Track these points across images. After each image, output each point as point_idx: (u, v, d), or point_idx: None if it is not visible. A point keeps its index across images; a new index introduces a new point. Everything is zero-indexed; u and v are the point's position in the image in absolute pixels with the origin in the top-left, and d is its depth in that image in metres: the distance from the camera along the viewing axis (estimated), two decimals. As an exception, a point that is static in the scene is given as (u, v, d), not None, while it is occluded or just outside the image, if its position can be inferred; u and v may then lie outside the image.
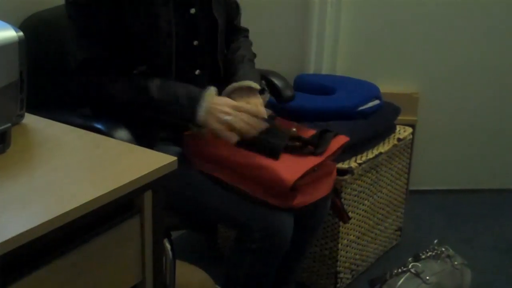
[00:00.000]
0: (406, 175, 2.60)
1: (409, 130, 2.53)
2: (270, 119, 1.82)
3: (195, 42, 1.82)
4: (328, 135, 1.83)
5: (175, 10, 1.74)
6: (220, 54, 1.91)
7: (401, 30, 2.89)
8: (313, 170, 1.73)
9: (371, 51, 2.92)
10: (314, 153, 1.76)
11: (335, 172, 1.91)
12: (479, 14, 2.89)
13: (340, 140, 1.87)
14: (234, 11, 1.99)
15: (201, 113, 1.66)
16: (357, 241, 2.39)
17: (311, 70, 2.80)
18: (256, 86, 1.81)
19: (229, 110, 1.67)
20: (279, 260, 1.78)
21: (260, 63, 2.04)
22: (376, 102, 2.45)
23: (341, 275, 2.34)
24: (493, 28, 2.92)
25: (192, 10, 1.79)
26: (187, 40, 1.80)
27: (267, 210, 1.71)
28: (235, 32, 2.01)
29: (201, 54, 1.85)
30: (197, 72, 1.85)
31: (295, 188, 1.68)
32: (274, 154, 1.71)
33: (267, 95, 1.92)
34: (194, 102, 1.67)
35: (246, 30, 2.06)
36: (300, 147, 1.78)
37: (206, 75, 1.87)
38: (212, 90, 1.70)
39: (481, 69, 2.97)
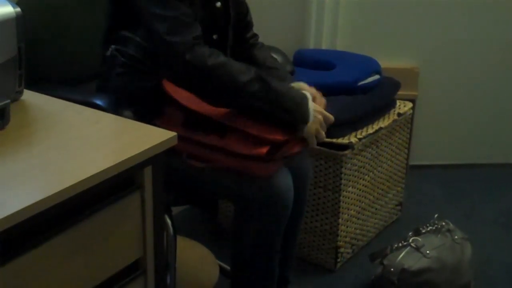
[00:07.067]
0: (406, 150, 2.60)
1: (409, 105, 2.53)
2: None
3: (215, 36, 1.79)
4: None
5: (202, 5, 1.72)
6: (230, 48, 1.86)
7: (401, 4, 2.87)
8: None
9: (371, 26, 2.90)
10: None
11: None
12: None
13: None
14: (245, 5, 1.94)
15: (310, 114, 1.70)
16: (358, 216, 2.39)
17: (311, 45, 2.79)
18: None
19: (320, 116, 1.71)
20: (283, 227, 1.73)
21: (259, 39, 2.02)
22: (376, 77, 2.45)
23: (342, 249, 2.35)
24: (494, 1, 2.90)
25: (218, 4, 1.77)
26: (208, 33, 1.76)
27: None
28: (249, 28, 1.97)
29: (218, 48, 1.80)
30: None
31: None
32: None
33: None
34: (305, 102, 1.70)
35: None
36: None
37: None
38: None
39: (482, 44, 2.96)
